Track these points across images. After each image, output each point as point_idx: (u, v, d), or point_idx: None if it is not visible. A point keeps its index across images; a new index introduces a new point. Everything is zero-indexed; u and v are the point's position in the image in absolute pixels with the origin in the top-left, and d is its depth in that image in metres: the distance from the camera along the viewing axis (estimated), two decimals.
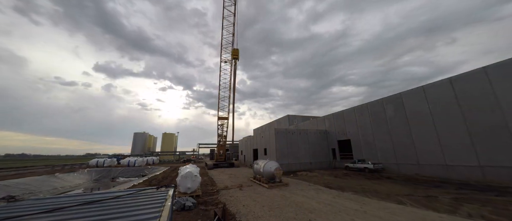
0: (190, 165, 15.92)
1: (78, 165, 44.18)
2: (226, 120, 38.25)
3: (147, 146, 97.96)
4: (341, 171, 24.31)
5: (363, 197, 11.92)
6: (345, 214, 9.05)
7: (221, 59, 35.69)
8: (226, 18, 34.30)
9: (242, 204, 11.08)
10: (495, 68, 15.12)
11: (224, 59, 35.58)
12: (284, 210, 9.84)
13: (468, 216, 8.47)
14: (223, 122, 38.25)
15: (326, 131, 32.24)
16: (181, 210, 10.03)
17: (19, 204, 3.02)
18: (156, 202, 3.10)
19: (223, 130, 38.54)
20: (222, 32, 34.77)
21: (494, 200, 10.38)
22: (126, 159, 48.17)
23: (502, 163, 14.37)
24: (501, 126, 14.57)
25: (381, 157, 23.16)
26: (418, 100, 19.82)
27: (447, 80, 17.72)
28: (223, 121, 38.24)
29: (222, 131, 38.59)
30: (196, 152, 76.75)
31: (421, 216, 8.54)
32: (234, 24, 34.30)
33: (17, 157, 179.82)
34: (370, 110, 25.21)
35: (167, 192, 3.71)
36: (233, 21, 34.21)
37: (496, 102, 14.85)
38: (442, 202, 10.38)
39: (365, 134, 25.63)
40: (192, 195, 12.54)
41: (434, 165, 18.16)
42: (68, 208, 2.79)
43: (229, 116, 37.89)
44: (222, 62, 35.76)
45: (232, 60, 33.66)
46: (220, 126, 38.47)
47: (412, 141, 20.12)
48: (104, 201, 3.10)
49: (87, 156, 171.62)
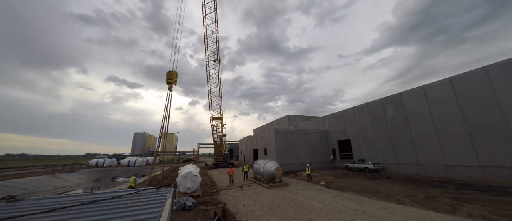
0: (190, 165, 15.93)
1: (78, 165, 44.16)
2: (220, 120, 37.46)
3: (147, 146, 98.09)
4: (341, 171, 24.30)
5: (363, 197, 11.92)
6: (345, 214, 9.05)
7: (207, 59, 35.02)
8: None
9: (242, 204, 11.08)
10: (495, 68, 15.11)
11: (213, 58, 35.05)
12: (284, 210, 9.83)
13: (468, 216, 8.47)
14: (217, 122, 37.46)
15: (326, 131, 32.23)
16: (181, 210, 10.03)
17: (19, 204, 3.02)
18: (156, 202, 3.10)
19: (218, 131, 37.87)
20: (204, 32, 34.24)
21: (494, 200, 10.38)
22: (126, 159, 48.22)
23: (502, 163, 14.36)
24: (501, 126, 14.57)
25: (381, 157, 23.15)
26: (418, 100, 19.81)
27: (447, 80, 17.70)
28: (217, 121, 37.41)
29: (217, 131, 37.81)
30: (196, 152, 76.72)
31: (421, 216, 8.54)
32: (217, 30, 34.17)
33: (17, 157, 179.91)
34: (370, 110, 25.19)
35: (167, 192, 3.71)
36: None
37: (496, 102, 14.84)
38: (442, 202, 10.37)
39: (365, 134, 25.62)
40: (192, 195, 12.55)
41: (434, 165, 18.16)
42: (68, 208, 2.79)
43: (223, 116, 37.08)
44: (211, 61, 35.13)
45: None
46: (214, 126, 37.64)
47: (412, 141, 20.11)
48: (104, 201, 3.09)
49: (87, 156, 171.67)
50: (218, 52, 35.61)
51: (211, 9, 33.46)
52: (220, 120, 37.31)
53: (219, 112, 37.08)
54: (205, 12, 33.25)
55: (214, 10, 33.60)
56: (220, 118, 37.23)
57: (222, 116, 37.26)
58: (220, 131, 37.82)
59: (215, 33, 34.51)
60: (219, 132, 37.88)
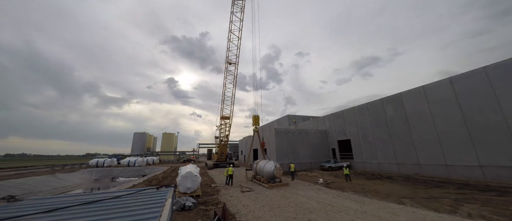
0: (190, 165, 15.93)
1: (78, 165, 44.15)
2: (228, 120, 38.44)
3: (147, 146, 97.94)
4: (341, 171, 24.31)
5: (363, 197, 11.93)
6: (345, 214, 9.05)
7: (227, 61, 35.87)
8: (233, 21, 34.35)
9: (242, 204, 11.08)
10: (495, 68, 15.11)
11: (229, 61, 35.92)
12: (285, 210, 9.83)
13: (468, 216, 8.47)
14: (225, 121, 38.49)
15: (326, 131, 32.22)
16: (181, 210, 10.03)
17: (19, 204, 3.02)
18: (156, 202, 3.10)
19: (225, 129, 38.79)
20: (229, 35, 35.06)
21: (494, 200, 10.38)
22: (126, 159, 48.19)
23: (502, 163, 14.36)
24: (501, 126, 14.56)
25: (381, 157, 23.16)
26: (418, 100, 19.80)
27: (447, 80, 17.70)
28: (225, 121, 38.46)
29: (224, 130, 38.80)
30: (196, 152, 76.74)
31: (421, 216, 8.54)
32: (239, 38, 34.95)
33: (17, 157, 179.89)
34: (370, 110, 25.19)
35: (167, 192, 3.71)
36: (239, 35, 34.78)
37: (496, 102, 14.84)
38: (442, 202, 10.38)
39: (365, 134, 25.61)
40: (192, 195, 12.54)
41: (434, 165, 18.16)
42: (68, 208, 2.79)
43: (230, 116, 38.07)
44: (227, 63, 35.97)
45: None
46: (222, 125, 38.63)
47: (412, 141, 20.11)
48: (104, 201, 3.09)
49: (87, 156, 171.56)
50: (238, 58, 36.63)
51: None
52: (228, 119, 38.12)
53: (229, 110, 38.12)
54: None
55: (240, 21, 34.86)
56: (228, 117, 38.04)
57: (231, 116, 38.20)
58: (227, 129, 38.67)
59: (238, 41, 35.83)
60: (227, 131, 38.75)
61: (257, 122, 21.79)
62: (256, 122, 21.77)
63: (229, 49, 35.74)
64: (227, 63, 36.51)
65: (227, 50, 35.77)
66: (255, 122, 21.79)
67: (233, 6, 34.04)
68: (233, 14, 34.24)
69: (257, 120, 21.76)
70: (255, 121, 21.79)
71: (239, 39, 35.58)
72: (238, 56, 36.28)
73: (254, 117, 21.78)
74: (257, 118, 21.76)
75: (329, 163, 26.23)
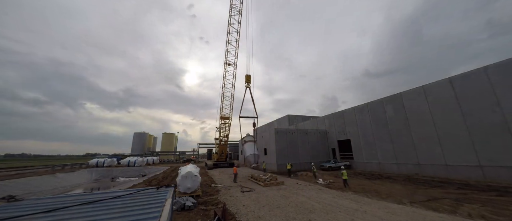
0: (190, 165, 15.93)
1: (78, 165, 44.14)
2: (227, 120, 38.61)
3: (147, 146, 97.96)
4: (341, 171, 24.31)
5: (363, 197, 11.92)
6: (345, 214, 9.04)
7: (225, 61, 35.82)
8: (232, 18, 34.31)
9: (242, 204, 11.07)
10: (495, 68, 15.11)
11: (227, 62, 35.85)
12: (285, 210, 9.83)
13: (468, 216, 8.47)
14: (224, 121, 38.64)
15: (326, 131, 32.22)
16: (181, 210, 10.02)
17: (19, 204, 3.02)
18: (156, 202, 3.10)
19: (225, 129, 38.92)
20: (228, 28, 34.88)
21: (494, 200, 10.38)
22: (126, 159, 48.18)
23: (502, 163, 14.36)
24: (501, 126, 14.57)
25: (381, 157, 23.15)
26: (418, 100, 19.80)
27: (447, 80, 17.70)
28: (225, 121, 38.62)
29: (224, 130, 38.93)
30: (196, 152, 76.75)
31: (421, 216, 8.54)
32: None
33: (17, 157, 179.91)
34: (370, 110, 25.19)
35: (167, 192, 3.71)
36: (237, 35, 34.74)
37: (496, 102, 14.84)
38: (442, 202, 10.38)
39: (365, 134, 25.61)
40: (192, 195, 12.54)
41: (434, 165, 18.16)
42: (68, 208, 2.79)
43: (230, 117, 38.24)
44: (226, 64, 35.96)
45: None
46: (222, 125, 38.77)
47: (412, 141, 20.11)
48: (104, 201, 3.09)
49: (87, 156, 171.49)
50: (236, 59, 36.77)
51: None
52: (227, 119, 38.28)
53: (228, 111, 38.18)
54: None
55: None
56: (228, 117, 38.21)
57: (230, 117, 38.34)
58: (227, 129, 38.81)
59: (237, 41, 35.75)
60: (227, 131, 38.89)
61: (248, 80, 26.50)
62: (248, 80, 26.48)
63: (228, 50, 35.62)
64: (227, 63, 36.49)
65: (226, 51, 35.62)
66: (247, 81, 26.45)
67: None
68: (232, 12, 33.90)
69: (248, 79, 26.49)
70: (247, 79, 26.46)
71: (238, 40, 35.38)
72: (237, 57, 36.17)
73: (247, 76, 26.43)
74: (249, 77, 26.49)
75: (329, 163, 26.26)
